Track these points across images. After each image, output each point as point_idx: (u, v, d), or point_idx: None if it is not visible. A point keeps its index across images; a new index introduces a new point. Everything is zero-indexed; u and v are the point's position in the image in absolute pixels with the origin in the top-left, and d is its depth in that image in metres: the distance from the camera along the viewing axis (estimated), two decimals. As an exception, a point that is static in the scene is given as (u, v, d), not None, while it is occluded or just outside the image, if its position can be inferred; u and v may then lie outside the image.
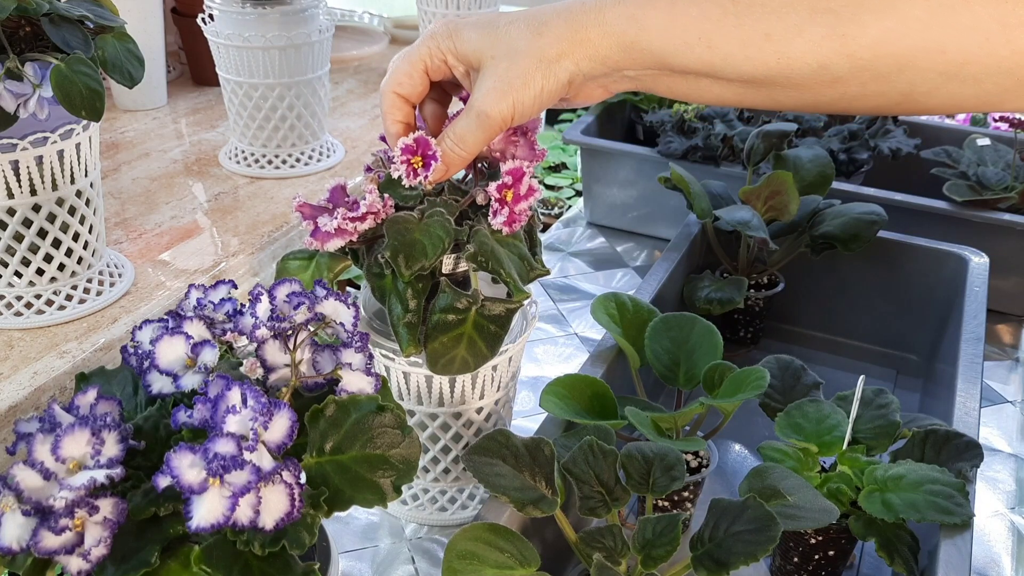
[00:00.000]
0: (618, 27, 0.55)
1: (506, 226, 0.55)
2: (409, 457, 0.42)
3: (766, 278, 0.93)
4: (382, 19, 1.38)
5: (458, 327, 0.55)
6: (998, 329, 0.97)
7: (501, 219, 0.55)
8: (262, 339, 0.43)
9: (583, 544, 0.54)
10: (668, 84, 0.58)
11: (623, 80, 0.58)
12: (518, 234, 0.58)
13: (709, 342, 0.70)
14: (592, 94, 0.59)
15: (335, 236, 0.55)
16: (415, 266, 0.53)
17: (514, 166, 0.55)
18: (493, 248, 0.54)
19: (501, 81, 0.57)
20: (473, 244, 0.54)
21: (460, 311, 0.55)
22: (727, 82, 0.55)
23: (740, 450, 0.81)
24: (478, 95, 0.57)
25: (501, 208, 0.55)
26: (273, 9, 0.82)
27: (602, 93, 0.59)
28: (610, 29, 0.55)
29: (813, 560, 0.64)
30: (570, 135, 1.16)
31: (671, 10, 0.55)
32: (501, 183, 0.55)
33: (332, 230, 0.54)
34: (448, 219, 0.55)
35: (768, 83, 0.54)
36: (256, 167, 0.88)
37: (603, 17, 0.56)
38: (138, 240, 0.75)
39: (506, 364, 0.64)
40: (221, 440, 0.36)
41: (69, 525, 0.35)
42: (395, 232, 0.54)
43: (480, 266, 0.53)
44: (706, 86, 0.56)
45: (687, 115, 1.12)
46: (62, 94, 0.54)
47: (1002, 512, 0.74)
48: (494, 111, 0.56)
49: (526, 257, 0.57)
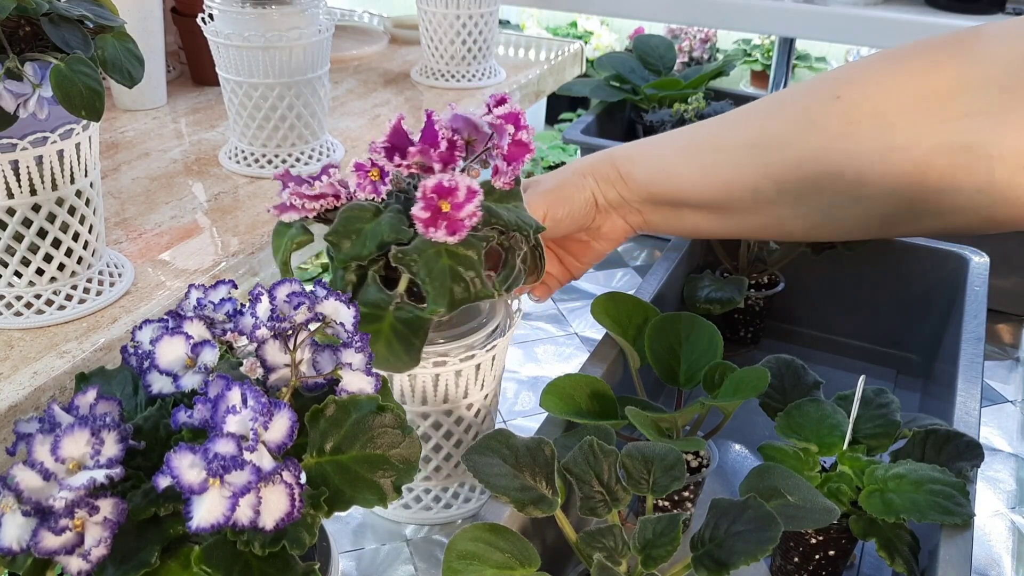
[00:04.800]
0: (617, 161, 0.71)
1: (449, 236, 0.53)
2: (409, 457, 0.42)
3: (766, 278, 0.93)
4: (382, 19, 1.38)
5: (376, 323, 0.55)
6: (998, 329, 0.97)
7: (442, 233, 0.53)
8: (262, 339, 0.43)
9: (583, 544, 0.54)
10: (663, 216, 0.72)
11: (634, 213, 0.73)
12: (471, 249, 0.55)
13: (709, 342, 0.70)
14: (615, 226, 0.73)
15: (288, 209, 0.58)
16: (349, 253, 0.54)
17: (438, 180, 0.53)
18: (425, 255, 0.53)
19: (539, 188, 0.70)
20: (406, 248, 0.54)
21: (379, 308, 0.55)
22: (699, 209, 0.70)
23: (740, 450, 0.81)
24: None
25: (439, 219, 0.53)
26: (273, 9, 0.82)
27: (623, 226, 0.73)
28: (612, 162, 0.71)
29: (813, 560, 0.64)
30: (570, 135, 1.16)
31: (649, 151, 0.71)
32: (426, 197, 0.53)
33: (285, 202, 0.58)
34: (403, 218, 0.55)
35: (725, 208, 0.69)
36: (256, 167, 0.88)
37: (610, 155, 0.72)
38: (138, 240, 0.75)
39: (490, 363, 0.64)
40: (221, 440, 0.36)
41: (69, 525, 0.35)
42: (345, 218, 0.55)
43: (407, 268, 0.53)
44: (687, 215, 0.71)
45: (687, 115, 1.12)
46: (62, 94, 0.54)
47: (1002, 512, 0.74)
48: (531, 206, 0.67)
49: (475, 277, 0.54)
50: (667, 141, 0.71)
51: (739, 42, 3.22)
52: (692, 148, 0.69)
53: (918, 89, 0.59)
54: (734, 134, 0.67)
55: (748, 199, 0.67)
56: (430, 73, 1.14)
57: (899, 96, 0.60)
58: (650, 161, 0.70)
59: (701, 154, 0.68)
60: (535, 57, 1.28)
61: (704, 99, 1.16)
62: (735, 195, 0.67)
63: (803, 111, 0.64)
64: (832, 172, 0.62)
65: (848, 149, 0.61)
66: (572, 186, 0.70)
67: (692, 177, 0.68)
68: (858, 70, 0.63)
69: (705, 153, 0.68)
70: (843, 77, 0.63)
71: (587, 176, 0.71)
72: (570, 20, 3.49)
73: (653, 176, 0.70)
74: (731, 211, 0.68)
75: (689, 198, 0.69)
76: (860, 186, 0.62)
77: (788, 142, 0.64)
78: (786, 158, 0.64)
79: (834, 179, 0.62)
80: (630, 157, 0.71)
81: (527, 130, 0.57)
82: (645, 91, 1.25)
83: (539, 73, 1.22)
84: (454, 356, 0.61)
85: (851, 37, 1.41)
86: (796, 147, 0.63)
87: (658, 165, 0.69)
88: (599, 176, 0.71)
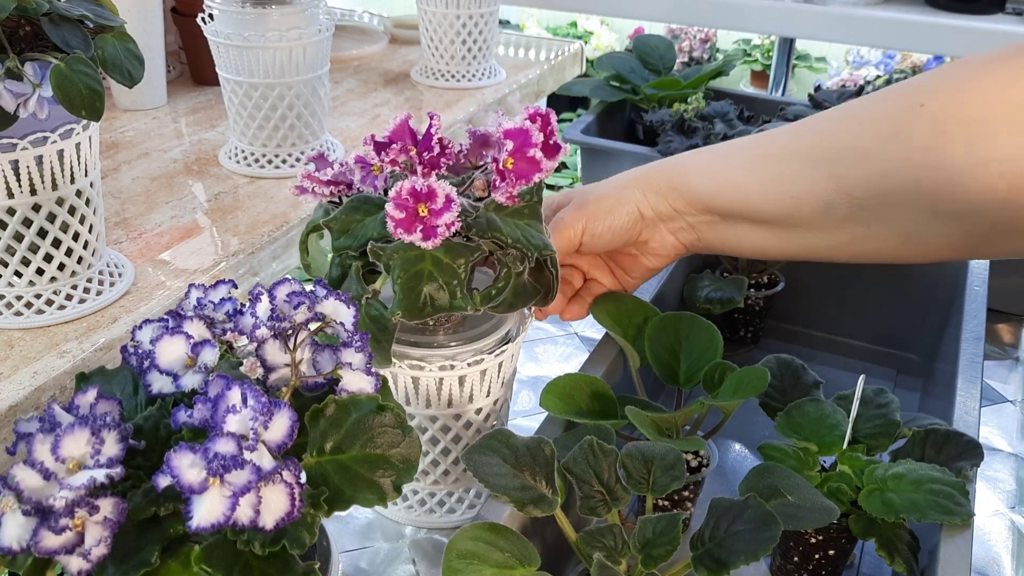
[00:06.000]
0: (671, 171, 0.68)
1: (424, 241, 0.52)
2: (409, 457, 0.42)
3: (766, 277, 0.93)
4: (382, 19, 1.38)
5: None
6: (998, 329, 0.97)
7: (416, 236, 0.52)
8: (262, 339, 0.43)
9: (583, 544, 0.54)
10: (719, 233, 0.68)
11: (686, 228, 0.69)
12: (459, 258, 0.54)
13: (709, 342, 0.70)
14: (664, 240, 0.70)
15: (304, 191, 0.59)
16: (342, 244, 0.54)
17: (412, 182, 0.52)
18: (405, 255, 0.53)
19: (581, 200, 0.68)
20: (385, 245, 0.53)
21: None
22: (761, 225, 0.66)
23: (740, 450, 0.81)
24: (563, 211, 0.68)
25: (415, 222, 0.53)
26: (273, 9, 0.82)
27: (673, 242, 0.70)
28: (665, 172, 0.68)
29: (813, 559, 0.64)
30: (570, 135, 1.16)
31: (710, 162, 0.67)
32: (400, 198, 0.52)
33: (301, 183, 0.60)
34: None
35: (790, 224, 0.64)
36: (256, 167, 0.88)
37: (663, 165, 0.69)
38: (138, 240, 0.75)
39: (495, 369, 0.64)
40: (221, 440, 0.36)
41: (69, 525, 0.35)
42: (349, 207, 0.56)
43: (383, 266, 0.53)
44: (747, 232, 0.67)
45: (687, 114, 1.12)
46: (62, 94, 0.54)
47: (1002, 511, 0.74)
48: (568, 220, 0.67)
49: (456, 285, 0.54)
50: (730, 150, 0.67)
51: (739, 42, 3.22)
52: (758, 159, 0.64)
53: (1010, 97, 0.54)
54: (806, 144, 0.62)
55: (819, 215, 0.62)
56: (430, 73, 1.14)
57: (993, 104, 0.55)
58: (710, 171, 0.66)
59: (769, 165, 0.63)
60: (535, 57, 1.28)
61: (704, 99, 1.17)
62: (804, 211, 0.62)
63: (883, 121, 0.59)
64: (914, 186, 0.57)
65: (934, 161, 0.56)
66: (614, 199, 0.67)
67: (757, 189, 0.63)
68: (940, 78, 0.57)
69: (773, 164, 0.63)
70: (924, 85, 0.58)
71: (633, 188, 0.68)
72: (570, 20, 3.49)
73: (713, 187, 0.66)
74: (798, 228, 0.64)
75: (752, 212, 0.65)
76: (945, 202, 0.57)
77: (866, 154, 0.59)
78: (863, 171, 0.59)
79: (916, 194, 0.57)
80: (686, 167, 0.67)
81: (537, 147, 0.55)
82: (645, 91, 1.25)
83: (539, 73, 1.22)
84: (461, 360, 0.61)
85: (851, 37, 1.41)
86: (875, 159, 0.58)
87: (720, 176, 0.65)
88: (648, 188, 0.68)
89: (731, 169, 0.65)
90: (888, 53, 2.89)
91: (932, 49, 1.42)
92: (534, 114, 0.57)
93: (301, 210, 0.81)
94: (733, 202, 0.65)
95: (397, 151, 0.55)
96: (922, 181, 0.57)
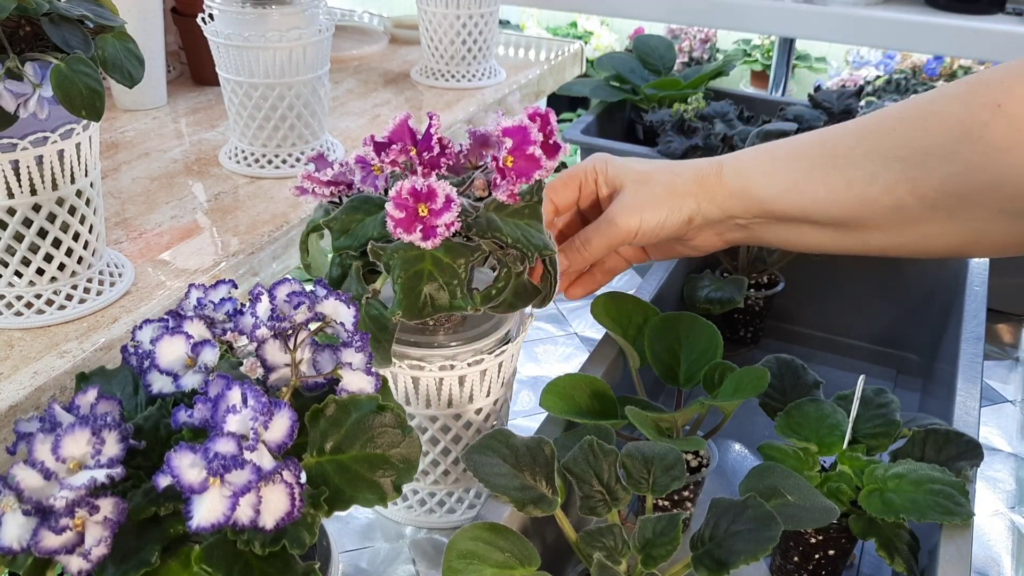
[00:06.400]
0: (731, 177, 0.65)
1: (424, 241, 0.52)
2: (409, 456, 0.42)
3: (766, 278, 0.93)
4: (382, 19, 1.38)
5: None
6: (998, 329, 0.97)
7: (416, 236, 0.52)
8: (262, 339, 0.43)
9: (583, 544, 0.54)
10: (775, 231, 0.66)
11: (736, 228, 0.68)
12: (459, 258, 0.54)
13: (709, 342, 0.70)
14: (708, 240, 0.69)
15: (304, 191, 0.60)
16: (342, 244, 0.54)
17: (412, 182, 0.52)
18: (405, 255, 0.53)
19: (635, 200, 0.66)
20: (385, 244, 0.54)
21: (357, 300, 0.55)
22: (822, 226, 0.64)
23: (740, 450, 0.81)
24: (613, 208, 0.66)
25: (414, 222, 0.53)
26: (273, 9, 0.82)
27: (716, 240, 0.70)
28: (725, 179, 0.65)
29: (813, 559, 0.64)
30: (570, 135, 1.16)
31: (772, 165, 0.64)
32: (400, 198, 0.52)
33: (301, 184, 0.60)
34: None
35: (855, 225, 0.63)
36: (256, 167, 0.88)
37: (721, 170, 0.66)
38: (138, 240, 0.75)
39: (495, 369, 0.64)
40: (221, 440, 0.36)
41: (69, 525, 0.35)
42: (349, 207, 0.56)
43: (383, 265, 0.53)
44: (806, 232, 0.65)
45: (687, 115, 1.12)
46: (62, 94, 0.54)
47: (1002, 511, 0.74)
48: (622, 222, 0.65)
49: (456, 285, 0.54)
50: (792, 151, 0.64)
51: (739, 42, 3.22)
52: (825, 161, 0.62)
53: None
54: (876, 145, 0.60)
55: (890, 217, 0.60)
56: (430, 73, 1.14)
57: None
58: (771, 176, 0.64)
59: (836, 168, 0.61)
60: (535, 57, 1.28)
61: (704, 99, 1.17)
62: (873, 213, 0.61)
63: (958, 121, 0.57)
64: (991, 186, 0.56)
65: (1013, 161, 0.55)
66: (668, 208, 0.65)
67: (823, 193, 0.62)
68: (1016, 74, 0.56)
69: (841, 167, 0.61)
70: (999, 83, 0.56)
71: (689, 198, 0.66)
72: (570, 20, 3.49)
73: (775, 193, 0.64)
74: (866, 229, 0.63)
75: (817, 215, 0.63)
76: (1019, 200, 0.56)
77: (942, 155, 0.57)
78: (938, 172, 0.57)
79: (993, 193, 0.56)
80: (743, 172, 0.65)
81: (536, 144, 0.55)
82: (645, 91, 1.25)
83: (539, 73, 1.22)
84: (461, 360, 0.61)
85: (851, 37, 1.41)
86: (951, 160, 0.57)
87: (781, 181, 0.63)
88: (705, 197, 0.66)
89: (794, 172, 0.63)
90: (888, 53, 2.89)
91: (932, 49, 1.42)
92: (534, 114, 0.57)
93: (301, 210, 0.81)
94: (796, 206, 0.63)
95: (397, 151, 0.55)
96: (1002, 180, 0.55)
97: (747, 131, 1.04)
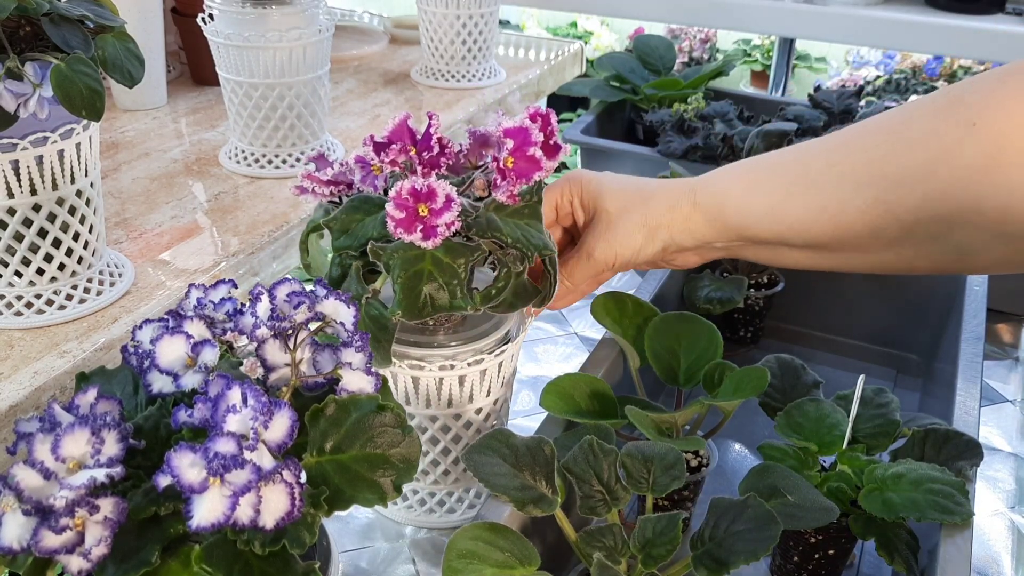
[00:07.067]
0: (705, 204, 0.64)
1: (424, 241, 0.52)
2: (409, 456, 0.42)
3: (766, 277, 0.93)
4: (382, 19, 1.38)
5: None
6: (998, 328, 0.97)
7: (416, 236, 0.52)
8: (262, 339, 0.43)
9: (583, 543, 0.54)
10: (755, 252, 0.65)
11: (713, 251, 0.67)
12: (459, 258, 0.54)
13: (709, 341, 0.70)
14: (688, 259, 0.68)
15: (304, 191, 0.60)
16: (342, 244, 0.55)
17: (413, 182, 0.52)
18: (405, 255, 0.53)
19: (608, 232, 0.65)
20: (385, 244, 0.54)
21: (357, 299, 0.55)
22: (800, 248, 0.63)
23: (740, 449, 0.81)
24: (589, 241, 0.66)
25: (415, 222, 0.52)
26: (273, 9, 0.82)
27: (696, 259, 0.69)
28: (700, 206, 0.64)
29: (813, 559, 0.64)
30: (570, 135, 1.16)
31: (746, 192, 0.63)
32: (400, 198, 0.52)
33: (301, 183, 0.60)
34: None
35: (835, 247, 0.61)
36: (256, 167, 0.88)
37: (695, 197, 0.64)
38: (138, 240, 0.75)
39: (495, 369, 0.64)
40: (221, 439, 0.36)
41: (69, 524, 0.35)
42: (349, 207, 0.56)
43: (383, 265, 0.53)
44: (785, 253, 0.64)
45: (687, 115, 1.12)
46: (62, 94, 0.54)
47: (1002, 511, 0.74)
48: (598, 255, 0.65)
49: (456, 285, 0.54)
50: (766, 171, 0.63)
51: (739, 42, 3.22)
52: (798, 181, 0.60)
53: None
54: (849, 168, 0.58)
55: (868, 240, 0.59)
56: (430, 73, 1.14)
57: None
58: (746, 202, 0.63)
59: (809, 190, 0.60)
60: (535, 57, 1.28)
61: (704, 99, 1.17)
62: (851, 236, 0.59)
63: (934, 140, 0.55)
64: (971, 208, 0.54)
65: (993, 181, 0.53)
66: (643, 238, 0.65)
67: (799, 218, 0.60)
68: (989, 90, 0.54)
69: (814, 189, 0.60)
70: (974, 99, 0.54)
71: (663, 229, 0.65)
72: (570, 20, 3.49)
73: (751, 220, 0.62)
74: (845, 251, 0.61)
75: (794, 240, 0.62)
76: (1006, 223, 0.54)
77: (918, 177, 0.55)
78: (915, 195, 0.55)
79: (973, 215, 0.54)
80: (718, 198, 0.64)
81: (537, 145, 0.54)
82: (645, 91, 1.25)
83: (539, 73, 1.22)
84: (461, 360, 0.61)
85: (851, 37, 1.41)
86: (927, 182, 0.55)
87: (757, 207, 0.62)
88: (680, 228, 0.64)
89: (769, 196, 0.62)
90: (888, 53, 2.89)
91: (932, 49, 1.42)
92: (534, 114, 0.57)
93: (301, 210, 0.81)
94: (772, 232, 0.62)
95: (397, 151, 0.55)
96: (982, 202, 0.53)
97: (747, 131, 1.04)
